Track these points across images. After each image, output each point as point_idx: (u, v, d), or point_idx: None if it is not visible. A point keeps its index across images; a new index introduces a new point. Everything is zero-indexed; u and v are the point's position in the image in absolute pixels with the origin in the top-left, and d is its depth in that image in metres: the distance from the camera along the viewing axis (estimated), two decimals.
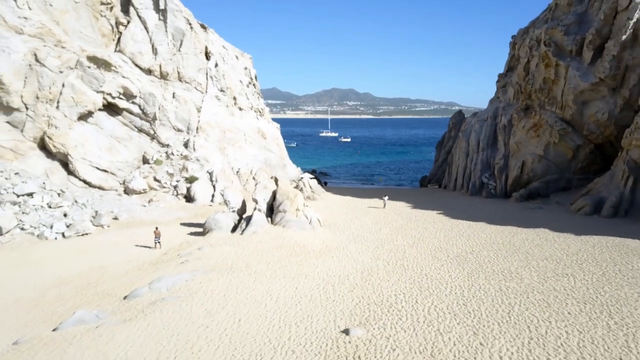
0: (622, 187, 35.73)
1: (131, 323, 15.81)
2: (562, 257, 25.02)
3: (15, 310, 17.71)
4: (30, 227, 28.95)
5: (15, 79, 36.84)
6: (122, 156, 42.49)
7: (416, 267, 23.29)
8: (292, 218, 30.86)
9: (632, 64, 38.49)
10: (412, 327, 16.11)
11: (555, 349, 14.69)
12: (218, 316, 16.62)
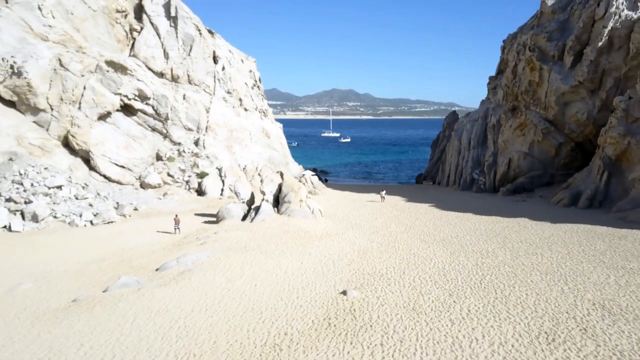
0: (597, 181, 39.08)
1: (166, 287, 19.16)
2: (535, 240, 28.38)
3: (65, 279, 21.04)
4: (62, 215, 32.29)
5: (41, 82, 40.20)
6: (137, 153, 45.82)
7: (405, 248, 26.64)
8: (296, 208, 34.19)
9: (608, 68, 41.84)
10: (399, 290, 19.46)
11: (515, 306, 18.03)
12: (237, 282, 19.96)
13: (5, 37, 39.92)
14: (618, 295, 19.25)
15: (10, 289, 19.60)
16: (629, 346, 14.95)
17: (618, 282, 20.85)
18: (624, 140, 37.65)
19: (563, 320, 16.85)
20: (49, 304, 17.81)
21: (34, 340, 14.70)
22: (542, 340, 15.28)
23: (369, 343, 14.71)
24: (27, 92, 39.63)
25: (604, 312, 17.62)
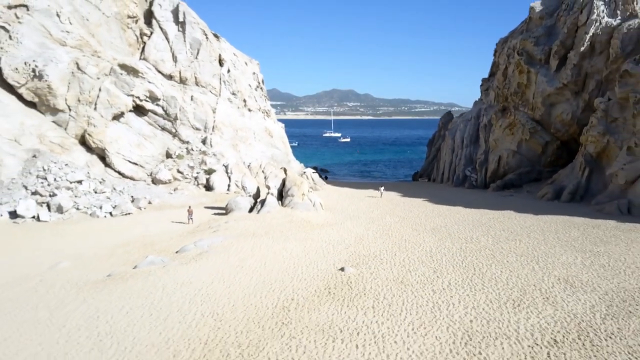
0: (579, 176, 41.95)
1: (188, 264, 22.02)
2: (517, 229, 31.23)
3: (97, 260, 23.88)
4: (84, 207, 35.14)
5: (60, 84, 43.05)
6: (148, 151, 48.65)
7: (398, 235, 29.49)
8: (298, 201, 37.03)
9: (590, 71, 44.68)
10: (390, 268, 22.31)
11: (489, 280, 20.89)
12: (249, 261, 22.81)
13: (27, 42, 42.77)
14: (581, 273, 22.11)
15: (51, 267, 22.45)
16: (582, 310, 17.82)
17: (584, 262, 23.71)
18: (604, 139, 40.50)
19: (529, 291, 19.72)
20: (88, 278, 20.66)
21: (82, 304, 17.56)
22: (509, 305, 18.15)
23: (362, 306, 17.58)
24: (47, 94, 42.48)
25: (566, 285, 20.48)
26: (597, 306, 18.26)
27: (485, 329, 16.03)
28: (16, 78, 41.51)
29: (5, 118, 39.58)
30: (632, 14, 42.05)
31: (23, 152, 38.79)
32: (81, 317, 16.34)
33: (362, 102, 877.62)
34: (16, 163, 37.50)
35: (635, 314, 17.58)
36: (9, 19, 42.50)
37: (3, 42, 42.04)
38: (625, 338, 15.67)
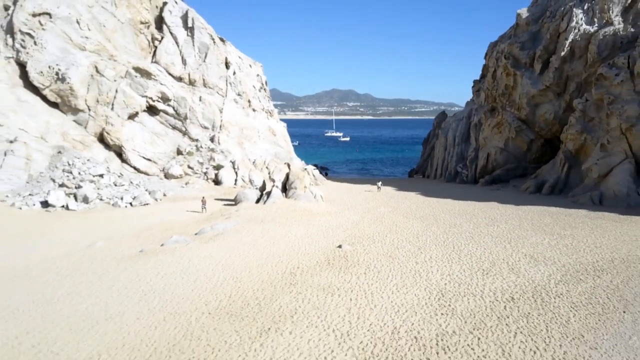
0: (559, 171, 45.54)
1: (207, 243, 25.64)
2: (497, 217, 34.83)
3: (127, 240, 27.47)
4: (106, 198, 38.72)
5: (81, 86, 46.66)
6: (161, 148, 52.24)
7: (390, 222, 33.10)
8: (301, 193, 40.63)
9: (571, 74, 48.26)
10: (381, 246, 25.92)
11: (465, 255, 24.49)
12: (260, 241, 26.42)
13: (50, 47, 46.38)
14: (546, 250, 25.72)
15: (89, 245, 26.04)
16: (540, 278, 21.42)
17: (550, 242, 27.32)
18: (582, 137, 44.09)
19: (498, 263, 23.33)
20: (123, 253, 24.27)
21: (123, 271, 21.16)
22: (479, 273, 21.76)
23: (356, 272, 21.19)
24: (69, 95, 46.09)
25: (531, 260, 24.09)
26: (553, 275, 21.86)
27: (456, 289, 19.65)
28: (41, 80, 45.13)
29: (33, 117, 43.18)
30: (607, 21, 45.61)
31: (49, 148, 42.38)
32: (125, 280, 19.96)
33: (362, 102, 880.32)
34: (43, 158, 41.09)
35: (585, 281, 21.18)
36: (33, 26, 46.12)
37: (29, 47, 45.65)
38: (570, 297, 19.27)
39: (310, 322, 15.92)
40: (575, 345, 15.29)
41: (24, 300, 17.85)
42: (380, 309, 17.32)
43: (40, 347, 14.06)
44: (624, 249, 25.99)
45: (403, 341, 15.01)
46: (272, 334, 14.98)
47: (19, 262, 22.77)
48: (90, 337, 14.72)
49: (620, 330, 16.50)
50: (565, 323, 16.88)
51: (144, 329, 15.26)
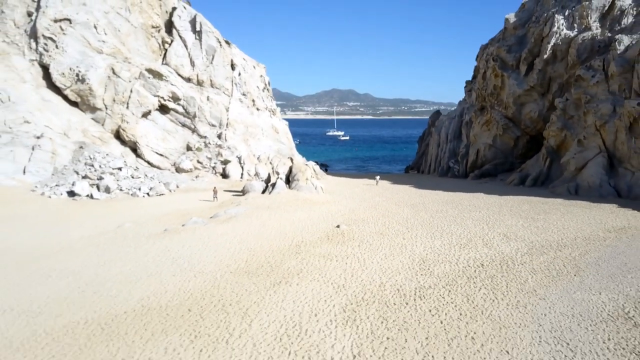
0: (542, 165, 49.27)
1: (222, 224, 29.36)
2: (480, 204, 38.55)
3: (151, 222, 31.17)
4: (126, 189, 42.42)
5: (99, 87, 50.38)
6: (171, 144, 55.97)
7: (383, 208, 36.83)
8: (303, 185, 44.33)
9: (553, 76, 51.97)
10: (373, 227, 29.64)
11: (447, 234, 28.20)
12: (268, 223, 30.15)
13: (71, 50, 50.11)
14: (519, 230, 29.43)
15: (118, 226, 29.75)
16: (509, 250, 25.11)
17: (523, 225, 31.03)
18: (562, 133, 47.80)
19: (474, 240, 27.06)
20: (150, 232, 27.99)
21: (153, 244, 24.89)
22: (457, 247, 25.49)
23: (351, 245, 24.93)
24: (88, 95, 49.82)
25: (504, 237, 27.80)
26: (520, 249, 25.57)
27: (435, 258, 23.38)
28: (62, 81, 48.87)
29: (56, 115, 46.90)
30: (586, 27, 49.30)
31: (71, 144, 46.10)
32: (156, 250, 23.69)
33: (362, 102, 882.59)
34: (67, 153, 44.82)
35: (547, 253, 24.89)
36: (55, 31, 49.84)
37: (51, 50, 49.38)
38: (532, 265, 22.98)
39: (313, 277, 19.66)
40: (527, 296, 19.01)
41: (76, 264, 21.57)
42: (371, 270, 21.06)
43: (101, 293, 17.77)
44: (587, 230, 29.72)
45: (388, 292, 18.74)
46: (283, 285, 18.72)
47: (61, 240, 26.49)
48: (138, 287, 18.44)
49: (567, 287, 20.21)
50: (523, 282, 20.60)
51: (179, 282, 18.98)
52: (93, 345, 13.53)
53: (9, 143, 42.05)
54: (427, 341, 14.88)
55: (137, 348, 13.37)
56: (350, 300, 17.57)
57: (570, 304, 18.30)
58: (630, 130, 40.59)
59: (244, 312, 16.00)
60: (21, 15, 50.27)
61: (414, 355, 14.00)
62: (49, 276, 19.87)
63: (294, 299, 17.37)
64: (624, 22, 47.92)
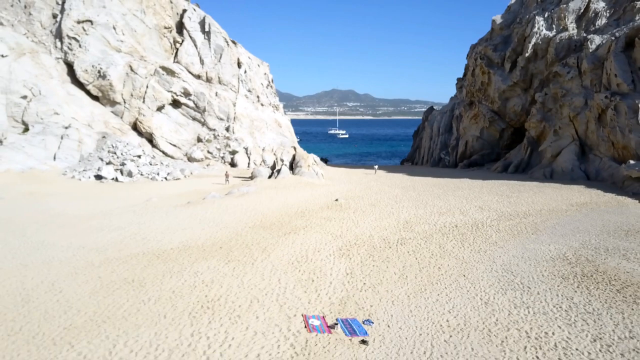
0: (523, 154, 53.91)
1: (237, 198, 34.03)
2: (464, 186, 43.20)
3: (174, 197, 35.79)
4: (146, 174, 47.05)
5: (118, 83, 55.02)
6: (183, 136, 60.61)
7: (377, 189, 41.51)
8: (305, 171, 48.98)
9: (534, 72, 56.61)
10: (367, 200, 34.33)
11: (429, 206, 32.87)
12: (276, 198, 34.82)
13: (92, 49, 54.77)
14: (492, 204, 34.09)
15: (146, 200, 34.40)
16: (481, 218, 29.77)
17: (498, 200, 35.68)
18: (541, 125, 52.45)
19: (453, 210, 31.72)
20: (176, 204, 32.67)
21: (180, 212, 29.55)
22: (437, 214, 30.15)
23: (347, 211, 29.62)
24: (108, 90, 54.47)
25: (478, 208, 32.47)
26: (491, 216, 30.24)
27: (417, 221, 28.07)
28: (85, 77, 53.52)
29: (81, 108, 51.55)
30: (564, 28, 53.93)
31: (95, 134, 50.76)
32: (184, 215, 28.37)
33: (362, 102, 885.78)
34: (91, 141, 49.48)
35: (513, 220, 29.52)
36: (78, 32, 54.52)
37: (75, 49, 54.05)
38: (498, 227, 27.62)
39: (315, 231, 24.36)
40: (489, 246, 23.70)
41: (120, 223, 26.24)
42: (362, 227, 25.76)
43: (148, 239, 22.45)
44: (553, 204, 34.39)
45: (375, 241, 23.43)
46: (292, 234, 23.41)
47: (101, 208, 31.15)
48: (176, 236, 23.13)
49: (524, 241, 24.89)
50: (488, 237, 25.30)
51: (209, 233, 23.67)
52: (153, 265, 18.23)
53: (40, 132, 46.70)
54: (403, 269, 19.57)
55: (187, 266, 18.08)
56: (345, 244, 22.26)
57: (522, 251, 23.00)
58: (599, 121, 45.23)
59: (263, 249, 20.70)
60: (47, 17, 54.96)
61: (392, 275, 18.69)
62: (101, 230, 24.57)
63: (301, 242, 22.06)
64: (597, 23, 52.57)
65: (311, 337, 12.94)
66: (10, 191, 35.71)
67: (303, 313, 14.25)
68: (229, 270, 17.86)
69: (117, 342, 12.26)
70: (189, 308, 14.32)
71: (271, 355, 11.92)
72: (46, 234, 23.39)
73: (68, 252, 20.16)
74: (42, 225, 25.66)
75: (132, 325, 13.13)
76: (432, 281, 18.24)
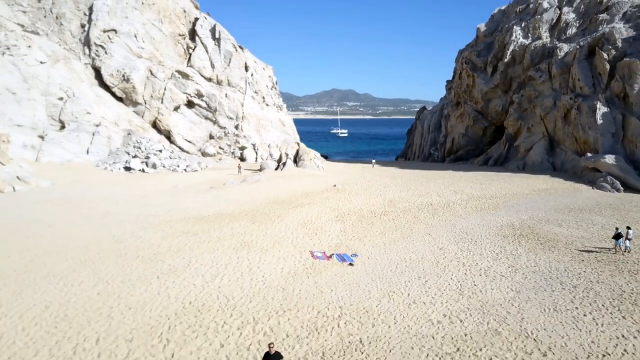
0: (502, 149, 60.39)
1: (251, 184, 40.54)
2: (445, 176, 49.65)
3: (196, 185, 42.22)
4: (168, 166, 53.50)
5: (140, 85, 61.48)
6: (197, 134, 67.09)
7: (369, 178, 48.01)
8: (308, 164, 55.45)
9: (513, 76, 63.06)
10: (360, 186, 40.85)
11: (412, 190, 39.37)
12: (283, 185, 41.32)
13: (117, 56, 61.23)
14: (466, 189, 40.56)
15: (173, 187, 40.86)
16: (454, 199, 36.27)
17: (472, 187, 42.15)
18: (518, 123, 58.90)
19: (431, 193, 38.21)
20: (199, 189, 39.14)
21: (206, 194, 36.03)
22: (417, 195, 36.66)
23: (343, 193, 36.15)
24: (131, 92, 60.94)
25: (453, 192, 38.94)
26: (462, 198, 36.71)
27: (400, 200, 34.57)
28: (111, 81, 60.00)
29: (108, 108, 58.03)
30: (538, 36, 60.36)
31: (121, 131, 57.24)
32: (210, 197, 34.86)
33: (362, 102, 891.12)
34: (118, 138, 55.96)
35: (479, 200, 35.99)
36: (104, 40, 61.00)
37: (101, 55, 60.53)
38: (465, 206, 34.09)
39: (317, 205, 30.90)
40: (454, 217, 30.18)
41: (158, 202, 32.70)
42: (354, 204, 32.29)
43: (187, 212, 28.93)
44: (518, 189, 40.87)
45: (364, 212, 29.93)
46: (299, 207, 29.93)
47: (136, 192, 37.59)
48: (210, 208, 29.63)
49: (483, 215, 31.36)
50: (455, 212, 31.79)
51: (233, 207, 30.18)
52: (199, 224, 24.76)
53: (75, 130, 53.17)
54: (383, 229, 26.09)
55: (224, 224, 24.63)
56: (340, 214, 28.78)
57: (480, 221, 29.49)
58: (565, 119, 51.69)
59: (278, 215, 27.26)
60: (76, 27, 61.44)
61: (375, 233, 25.20)
62: (147, 205, 31.08)
63: (306, 212, 28.60)
64: (568, 32, 59.00)
65: (315, 261, 19.44)
66: (58, 179, 42.20)
67: (310, 249, 20.75)
68: (255, 227, 24.37)
69: (191, 260, 18.83)
70: (232, 246, 20.86)
71: (290, 269, 18.42)
72: (107, 207, 29.92)
73: (131, 217, 26.71)
74: (99, 202, 32.16)
75: (197, 253, 19.69)
76: (404, 236, 24.74)
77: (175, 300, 15.01)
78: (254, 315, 14.21)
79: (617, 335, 13.68)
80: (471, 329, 13.99)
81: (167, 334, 13.00)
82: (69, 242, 21.35)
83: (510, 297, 16.53)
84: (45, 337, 12.69)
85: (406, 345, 12.95)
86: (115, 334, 12.93)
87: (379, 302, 15.56)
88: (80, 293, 15.36)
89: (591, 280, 18.41)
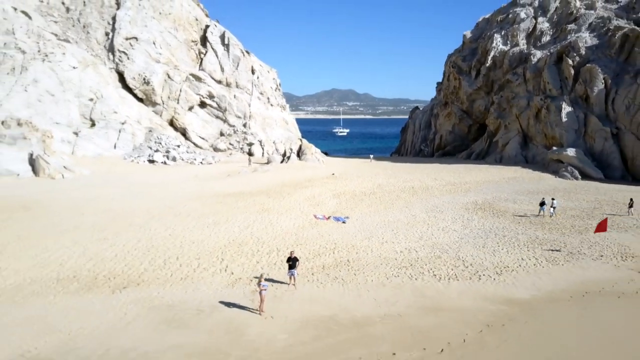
0: (484, 145, 67.36)
1: (262, 174, 47.52)
2: (430, 168, 56.60)
3: (213, 174, 49.14)
4: (186, 159, 60.42)
5: (159, 87, 68.42)
6: (209, 131, 74.01)
7: (364, 170, 54.97)
8: (310, 157, 62.39)
9: (494, 79, 69.99)
10: (355, 175, 47.85)
11: (399, 178, 46.33)
12: (288, 174, 48.29)
13: (138, 61, 68.16)
14: (445, 177, 47.50)
15: (195, 175, 47.77)
16: (432, 184, 43.24)
17: (452, 176, 49.04)
18: (497, 121, 65.85)
19: (414, 180, 45.18)
20: (217, 176, 46.09)
21: (224, 181, 43.02)
22: (402, 181, 43.64)
23: (340, 179, 43.19)
24: (151, 94, 67.89)
25: (433, 179, 45.91)
26: (440, 183, 43.67)
27: (387, 184, 41.54)
28: (133, 84, 66.96)
29: (131, 108, 64.99)
30: (516, 43, 67.29)
31: (143, 128, 64.20)
32: (228, 183, 41.81)
33: (362, 102, 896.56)
34: (141, 134, 62.90)
35: (454, 185, 42.90)
36: (127, 47, 67.95)
37: (124, 61, 67.47)
38: (441, 189, 41.03)
39: (318, 187, 37.94)
40: (429, 197, 37.15)
41: (184, 186, 39.63)
42: (349, 186, 39.31)
43: (215, 188, 35.87)
44: (489, 177, 47.84)
45: (356, 192, 36.92)
46: (303, 188, 36.94)
47: (162, 179, 44.50)
48: (231, 189, 36.58)
49: (454, 196, 38.29)
50: (431, 193, 38.78)
51: (251, 188, 37.15)
52: (225, 199, 31.76)
53: (104, 127, 60.12)
54: (371, 203, 33.06)
55: (246, 198, 31.67)
56: (337, 193, 35.79)
57: (450, 199, 36.44)
58: (536, 117, 58.63)
59: (287, 193, 34.34)
60: (101, 35, 68.38)
61: (363, 205, 32.18)
62: (179, 187, 38.00)
63: (310, 191, 35.64)
64: (543, 40, 65.95)
65: (317, 221, 26.44)
66: (93, 170, 49.15)
67: (313, 214, 27.75)
68: (271, 200, 31.41)
69: (228, 218, 25.95)
70: (255, 210, 27.95)
71: (299, 224, 25.44)
72: (147, 189, 36.86)
73: (169, 195, 33.67)
74: (138, 185, 39.12)
75: (231, 214, 26.81)
76: (386, 208, 31.74)
77: (223, 238, 22.01)
78: (277, 247, 21.20)
79: (518, 258, 20.66)
80: (422, 256, 20.97)
81: (222, 255, 19.99)
82: (133, 208, 28.35)
83: (454, 241, 23.52)
84: (143, 256, 19.66)
85: (377, 262, 19.92)
86: (187, 255, 19.91)
87: (361, 241, 22.57)
88: (157, 234, 22.35)
89: (517, 232, 25.41)
